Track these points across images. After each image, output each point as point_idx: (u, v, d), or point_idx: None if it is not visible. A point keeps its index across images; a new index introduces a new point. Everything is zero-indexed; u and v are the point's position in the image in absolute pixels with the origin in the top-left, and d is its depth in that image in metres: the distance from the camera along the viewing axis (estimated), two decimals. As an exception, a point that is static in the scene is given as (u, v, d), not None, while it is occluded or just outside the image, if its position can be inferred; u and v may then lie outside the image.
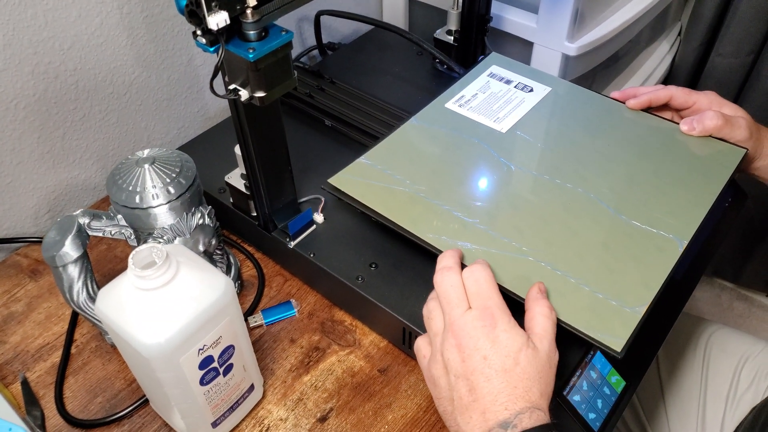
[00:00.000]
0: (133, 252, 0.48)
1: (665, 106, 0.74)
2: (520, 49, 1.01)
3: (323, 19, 0.99)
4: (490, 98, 0.78)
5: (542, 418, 0.44)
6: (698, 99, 0.71)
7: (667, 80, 1.38)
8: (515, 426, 0.43)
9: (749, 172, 0.72)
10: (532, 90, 0.79)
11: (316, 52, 1.04)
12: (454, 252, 0.55)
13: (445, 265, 0.53)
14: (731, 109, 0.70)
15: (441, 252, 0.58)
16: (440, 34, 0.95)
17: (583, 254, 0.59)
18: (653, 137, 0.71)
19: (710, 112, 0.68)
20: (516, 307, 0.52)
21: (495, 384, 0.46)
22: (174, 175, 0.60)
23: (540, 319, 0.50)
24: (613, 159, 0.69)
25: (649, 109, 0.75)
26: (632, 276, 0.57)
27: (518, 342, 0.47)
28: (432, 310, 0.52)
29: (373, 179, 0.68)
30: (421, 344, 0.53)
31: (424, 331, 0.61)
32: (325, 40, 1.03)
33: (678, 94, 0.71)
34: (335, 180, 0.68)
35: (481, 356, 0.47)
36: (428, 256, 0.65)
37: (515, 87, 0.79)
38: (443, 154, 0.71)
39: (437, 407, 0.51)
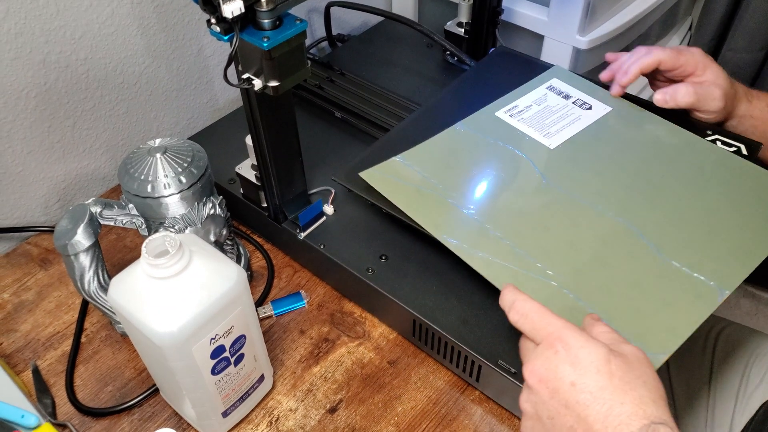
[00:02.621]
0: (147, 241, 0.48)
1: (656, 72, 0.73)
2: (530, 42, 1.00)
3: (333, 10, 0.99)
4: (545, 111, 0.73)
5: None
6: (685, 61, 0.69)
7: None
8: None
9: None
10: (590, 108, 0.73)
11: (325, 43, 1.04)
12: (508, 292, 0.48)
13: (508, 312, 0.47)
14: (713, 73, 0.69)
15: (462, 256, 0.57)
16: (451, 26, 0.94)
17: (611, 289, 0.55)
18: (716, 171, 0.65)
19: (683, 86, 0.68)
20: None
21: (598, 408, 0.39)
22: (186, 165, 0.60)
23: (605, 335, 0.45)
24: (665, 191, 0.63)
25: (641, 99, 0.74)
26: (660, 320, 0.52)
27: (602, 353, 0.41)
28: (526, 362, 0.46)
29: (405, 179, 0.66)
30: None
31: (435, 323, 0.61)
32: (334, 32, 1.03)
33: (666, 58, 0.69)
34: (366, 175, 0.66)
35: (569, 383, 0.40)
36: (439, 248, 0.65)
37: (573, 103, 0.74)
38: (483, 163, 0.68)
39: None
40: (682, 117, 0.72)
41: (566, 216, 0.61)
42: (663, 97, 0.69)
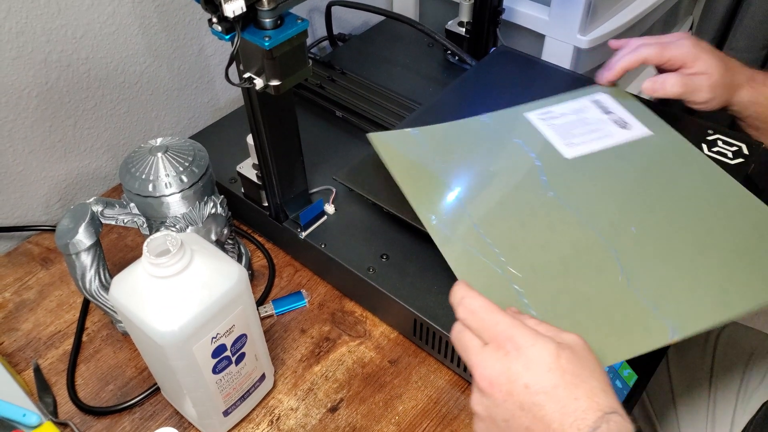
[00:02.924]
0: (148, 240, 0.48)
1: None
2: (531, 42, 1.00)
3: (334, 9, 0.99)
4: (578, 122, 0.70)
5: (622, 423, 0.38)
6: (671, 56, 0.68)
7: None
8: None
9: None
10: (627, 127, 0.70)
11: (326, 43, 1.04)
12: (458, 288, 0.47)
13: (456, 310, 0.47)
14: (704, 64, 0.67)
15: (435, 238, 0.57)
16: (452, 25, 0.94)
17: (560, 297, 0.53)
18: (732, 216, 0.60)
19: (672, 77, 0.68)
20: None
21: (553, 407, 0.39)
22: (187, 164, 0.60)
23: (540, 326, 0.44)
24: (664, 225, 0.59)
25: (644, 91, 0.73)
26: (594, 338, 0.47)
27: (551, 349, 0.41)
28: (468, 356, 0.46)
29: (410, 151, 0.66)
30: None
31: (436, 322, 0.61)
32: (335, 31, 1.03)
33: (651, 56, 0.69)
34: (375, 137, 0.67)
35: (523, 385, 0.40)
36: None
37: (610, 119, 0.71)
38: (491, 155, 0.66)
39: None
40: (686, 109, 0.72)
41: (548, 219, 0.59)
42: (652, 85, 0.69)
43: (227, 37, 0.50)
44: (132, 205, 0.61)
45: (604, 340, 0.49)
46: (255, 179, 0.71)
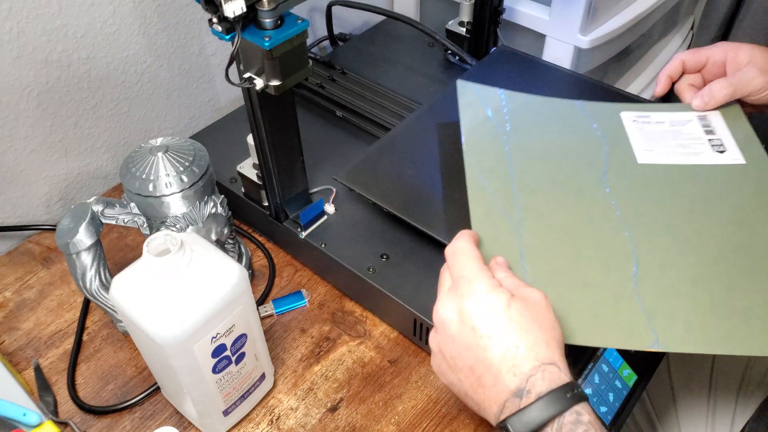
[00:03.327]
0: (148, 239, 0.48)
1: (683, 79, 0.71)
2: (532, 42, 1.00)
3: (334, 9, 0.99)
4: (670, 133, 0.66)
5: (557, 374, 0.41)
6: (710, 53, 0.67)
7: (679, 74, 1.37)
8: (529, 392, 0.40)
9: None
10: (722, 151, 0.64)
11: (327, 42, 1.04)
12: (460, 233, 0.50)
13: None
14: (745, 53, 0.65)
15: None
16: (452, 25, 0.94)
17: (557, 277, 0.53)
18: None
19: (717, 83, 0.65)
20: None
21: (495, 351, 0.42)
22: (187, 164, 0.60)
23: (506, 279, 0.47)
24: (713, 256, 0.55)
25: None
26: (576, 316, 0.50)
27: (503, 299, 0.43)
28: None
29: (487, 107, 0.65)
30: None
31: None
32: (336, 31, 1.03)
33: (688, 57, 0.67)
34: (462, 84, 0.66)
35: (470, 328, 0.43)
36: (440, 247, 0.65)
37: (708, 139, 0.66)
38: (563, 136, 0.64)
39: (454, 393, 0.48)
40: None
41: (588, 208, 0.58)
42: (701, 100, 0.66)
43: (227, 37, 0.50)
44: (132, 204, 0.61)
45: (583, 322, 0.50)
46: (255, 179, 0.71)
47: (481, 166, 0.59)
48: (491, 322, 0.43)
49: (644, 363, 0.61)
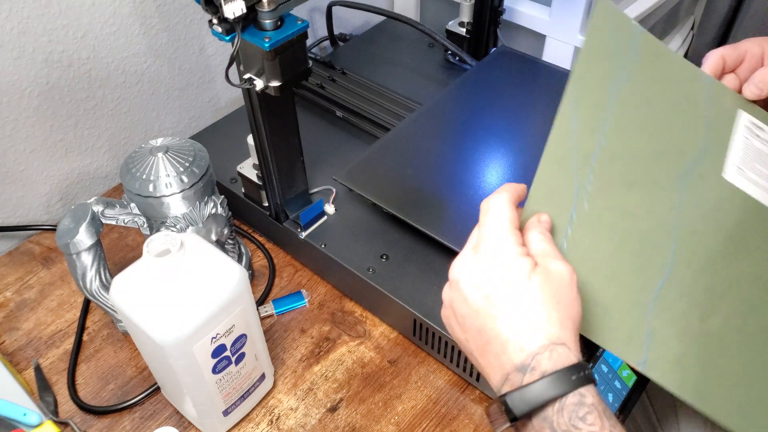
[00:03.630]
0: (148, 240, 0.48)
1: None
2: (532, 42, 1.00)
3: (335, 9, 0.99)
4: None
5: (565, 355, 0.39)
6: (747, 46, 0.58)
7: (679, 75, 1.37)
8: (533, 369, 0.38)
9: None
10: None
11: (327, 43, 1.04)
12: (503, 186, 0.46)
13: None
14: None
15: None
16: (452, 25, 0.94)
17: (590, 255, 0.48)
18: None
19: (763, 70, 0.56)
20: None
21: (505, 322, 0.40)
22: (187, 164, 0.60)
23: (538, 243, 0.43)
24: (749, 318, 0.50)
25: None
26: (587, 306, 0.46)
27: (523, 270, 0.41)
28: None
29: (615, 48, 0.53)
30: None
31: (435, 322, 0.61)
32: (336, 31, 1.03)
33: (727, 53, 0.57)
34: (603, 6, 0.52)
35: (483, 295, 0.41)
36: (439, 247, 0.65)
37: None
38: (671, 113, 0.54)
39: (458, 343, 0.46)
40: None
41: (649, 201, 0.50)
42: (756, 87, 0.56)
43: (227, 38, 0.50)
44: (132, 205, 0.61)
45: (590, 313, 0.47)
46: (255, 179, 0.71)
47: (579, 102, 0.50)
48: (506, 293, 0.41)
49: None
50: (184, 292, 0.49)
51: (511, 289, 0.41)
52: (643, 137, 0.53)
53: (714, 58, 0.56)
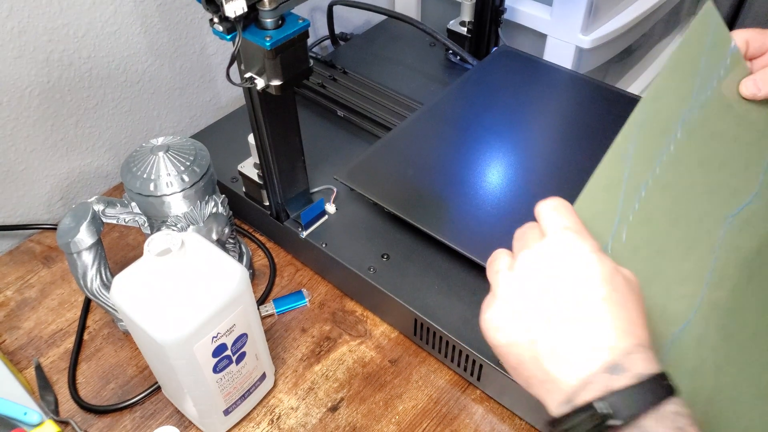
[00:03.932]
0: (149, 239, 0.48)
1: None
2: (533, 41, 1.00)
3: (336, 9, 0.99)
4: None
5: (653, 361, 0.35)
6: None
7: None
8: (626, 370, 0.34)
9: None
10: None
11: (328, 42, 1.04)
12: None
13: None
14: None
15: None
16: (453, 25, 0.94)
17: (642, 251, 0.45)
18: None
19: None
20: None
21: (592, 317, 0.36)
22: (188, 163, 0.60)
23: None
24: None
25: None
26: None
27: (609, 266, 0.37)
28: (497, 256, 0.42)
29: (703, 67, 0.47)
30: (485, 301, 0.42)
31: (436, 322, 0.61)
32: (337, 31, 1.03)
33: (752, 36, 0.50)
34: (708, 13, 0.46)
35: (570, 285, 0.37)
36: (440, 247, 0.65)
37: None
38: (732, 148, 0.49)
39: (504, 362, 0.40)
40: None
41: (691, 233, 0.47)
42: (754, 85, 0.50)
43: (228, 37, 0.50)
44: (133, 204, 0.61)
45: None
46: (256, 178, 0.71)
47: (645, 126, 0.45)
48: (595, 284, 0.37)
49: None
50: (184, 291, 0.49)
51: (600, 281, 0.37)
52: (701, 172, 0.48)
53: (738, 41, 0.48)
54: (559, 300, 0.37)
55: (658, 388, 0.34)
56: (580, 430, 0.34)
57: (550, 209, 0.41)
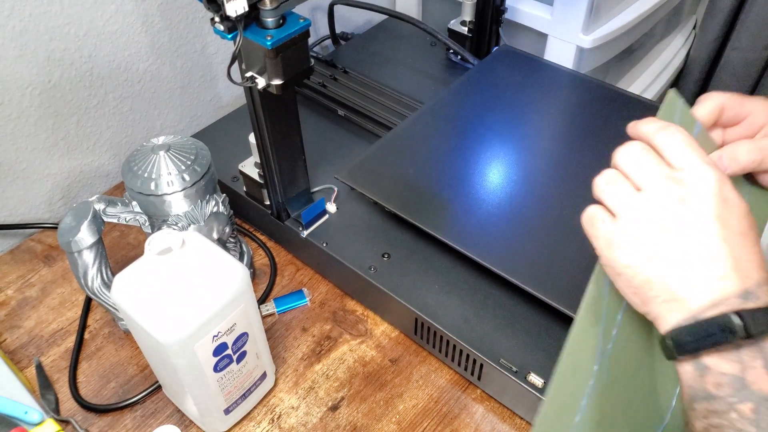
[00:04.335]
0: (150, 238, 0.48)
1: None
2: (534, 41, 1.00)
3: (337, 8, 0.99)
4: None
5: None
6: (752, 109, 0.49)
7: (681, 74, 1.37)
8: (758, 297, 0.36)
9: None
10: None
11: (329, 41, 1.04)
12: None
13: (622, 147, 0.42)
14: None
15: None
16: (454, 24, 0.94)
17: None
18: None
19: (743, 143, 0.48)
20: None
21: (733, 247, 0.37)
22: (189, 163, 0.60)
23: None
24: None
25: None
26: None
27: (745, 205, 0.39)
28: (609, 177, 0.41)
29: None
30: (592, 208, 0.42)
31: (437, 321, 0.61)
32: (338, 30, 1.03)
33: (729, 103, 0.48)
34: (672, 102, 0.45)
35: (715, 216, 0.38)
36: (441, 247, 0.65)
37: None
38: None
39: (625, 280, 0.40)
40: None
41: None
42: (720, 163, 0.47)
43: (229, 36, 0.50)
44: (134, 203, 0.61)
45: None
46: (257, 178, 0.71)
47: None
48: (738, 222, 0.38)
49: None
50: (185, 290, 0.49)
51: (741, 219, 0.38)
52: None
53: (712, 105, 0.47)
54: (695, 227, 0.38)
55: None
56: (704, 341, 0.36)
57: (669, 145, 0.40)
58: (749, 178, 0.47)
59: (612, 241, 0.40)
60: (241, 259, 0.71)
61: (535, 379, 0.57)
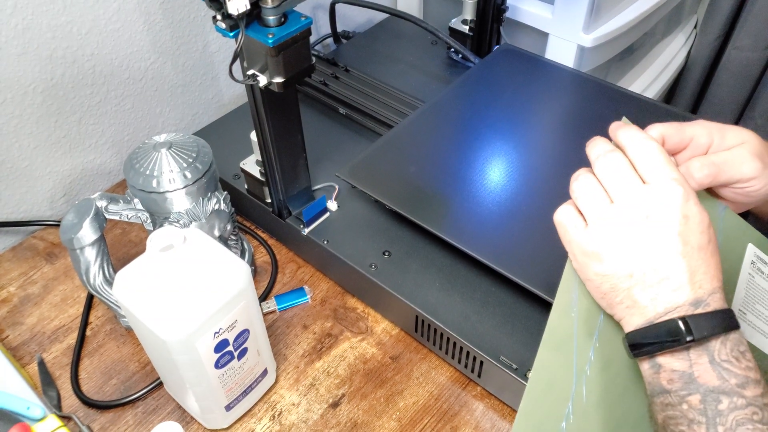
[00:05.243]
0: (152, 235, 0.48)
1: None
2: (535, 40, 1.00)
3: (338, 7, 0.99)
4: None
5: (725, 303, 0.41)
6: (694, 132, 0.50)
7: (682, 74, 1.37)
8: (707, 305, 0.40)
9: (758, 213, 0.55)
10: None
11: (330, 40, 1.04)
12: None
13: (601, 150, 0.46)
14: (735, 136, 0.50)
15: None
16: (455, 23, 0.95)
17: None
18: None
19: (695, 160, 0.49)
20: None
21: (690, 261, 0.41)
22: (191, 160, 0.60)
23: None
24: None
25: None
26: None
27: (706, 218, 0.42)
28: (586, 184, 0.45)
29: None
30: (566, 211, 0.46)
31: (437, 318, 0.62)
32: (339, 29, 1.03)
33: (669, 132, 0.50)
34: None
35: (677, 233, 0.41)
36: (441, 244, 0.65)
37: None
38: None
39: (594, 286, 0.44)
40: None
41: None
42: None
43: (231, 34, 0.51)
44: (136, 200, 0.61)
45: None
46: (258, 175, 0.71)
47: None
48: (697, 237, 0.42)
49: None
50: (187, 287, 0.49)
51: (700, 234, 0.42)
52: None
53: (653, 135, 0.48)
54: (657, 244, 0.42)
55: (728, 320, 0.40)
56: (655, 342, 0.40)
57: (642, 155, 0.44)
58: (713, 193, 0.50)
59: (584, 249, 0.44)
60: (242, 256, 0.71)
61: (535, 377, 0.57)
